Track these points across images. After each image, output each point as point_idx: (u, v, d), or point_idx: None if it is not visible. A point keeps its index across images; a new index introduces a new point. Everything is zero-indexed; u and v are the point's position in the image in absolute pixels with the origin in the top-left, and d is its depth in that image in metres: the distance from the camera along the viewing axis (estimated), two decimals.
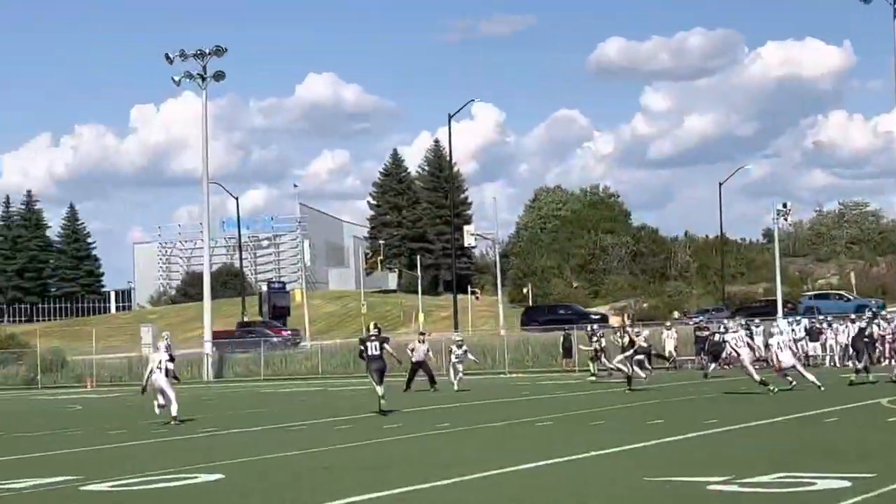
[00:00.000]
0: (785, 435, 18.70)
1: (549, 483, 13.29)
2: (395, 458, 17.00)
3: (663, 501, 11.44)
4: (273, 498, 12.69)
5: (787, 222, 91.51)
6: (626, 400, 29.83)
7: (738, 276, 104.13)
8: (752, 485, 12.41)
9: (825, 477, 12.73)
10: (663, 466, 14.50)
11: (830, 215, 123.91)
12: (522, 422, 23.59)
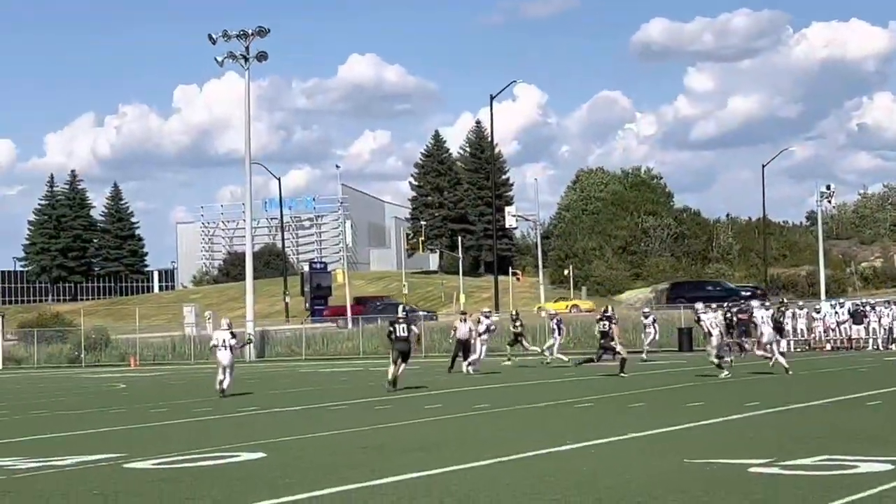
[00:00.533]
0: (827, 418, 18.60)
1: (587, 465, 13.29)
2: (434, 439, 17.03)
3: (704, 483, 11.40)
4: (313, 476, 12.75)
5: (831, 205, 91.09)
6: (666, 383, 29.78)
7: (780, 259, 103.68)
8: (794, 467, 12.36)
9: (867, 460, 12.66)
10: (704, 448, 14.47)
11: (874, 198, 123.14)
12: (563, 403, 23.58)
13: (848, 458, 12.93)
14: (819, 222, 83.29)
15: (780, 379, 29.30)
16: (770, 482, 11.40)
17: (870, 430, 16.29)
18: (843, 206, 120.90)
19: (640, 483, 11.59)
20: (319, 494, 11.44)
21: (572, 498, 10.75)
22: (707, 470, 12.44)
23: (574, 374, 34.24)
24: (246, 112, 66.41)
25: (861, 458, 12.89)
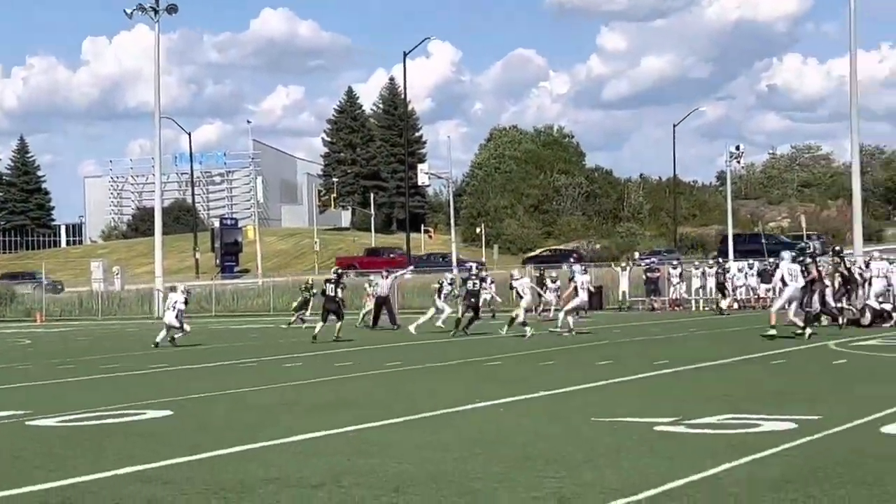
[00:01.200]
0: (733, 376, 18.83)
1: (496, 422, 13.33)
2: (345, 397, 17.00)
3: (610, 441, 11.48)
4: (222, 434, 12.66)
5: (740, 165, 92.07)
6: (577, 341, 29.99)
7: (690, 218, 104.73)
8: (699, 426, 12.48)
9: (771, 419, 12.82)
10: (611, 407, 14.57)
11: (783, 158, 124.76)
12: (473, 361, 23.65)
13: (752, 416, 13.08)
14: (728, 182, 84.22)
15: (688, 338, 29.61)
16: (675, 440, 11.51)
17: (774, 388, 16.50)
18: (751, 166, 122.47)
19: (549, 440, 11.64)
20: (228, 452, 11.35)
21: (480, 455, 10.77)
22: (614, 428, 12.53)
23: (485, 331, 34.33)
24: (155, 65, 65.62)
25: (765, 416, 13.05)
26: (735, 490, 8.84)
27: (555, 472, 9.84)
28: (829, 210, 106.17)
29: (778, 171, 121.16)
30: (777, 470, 9.67)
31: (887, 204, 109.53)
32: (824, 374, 18.93)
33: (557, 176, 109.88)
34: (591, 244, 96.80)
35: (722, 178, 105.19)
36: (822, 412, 13.30)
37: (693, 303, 53.09)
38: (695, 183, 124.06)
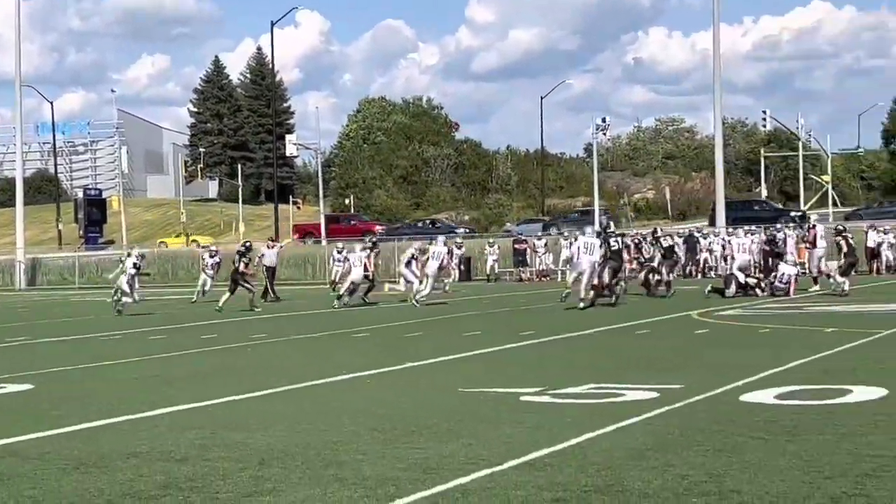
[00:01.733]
0: (598, 347, 19.05)
1: (363, 394, 13.32)
2: (209, 369, 16.86)
3: (476, 412, 11.54)
4: (84, 408, 12.45)
5: (606, 137, 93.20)
6: (444, 312, 30.09)
7: (557, 190, 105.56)
8: (563, 395, 12.62)
9: (634, 388, 13.00)
10: (478, 377, 14.66)
11: (648, 131, 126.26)
12: (340, 333, 23.60)
13: (615, 386, 13.26)
14: (594, 154, 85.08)
15: (555, 309, 29.87)
16: (540, 410, 11.61)
17: (637, 358, 16.74)
18: (617, 138, 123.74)
19: (415, 411, 11.67)
20: (90, 426, 11.19)
21: (346, 426, 10.75)
22: (480, 399, 12.60)
23: (355, 304, 34.27)
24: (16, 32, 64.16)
25: (628, 386, 13.23)
26: (598, 459, 8.94)
27: (420, 443, 9.86)
28: (692, 182, 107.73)
29: (643, 144, 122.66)
30: (639, 439, 9.80)
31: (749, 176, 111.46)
32: (687, 343, 19.24)
33: (426, 147, 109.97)
34: (460, 215, 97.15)
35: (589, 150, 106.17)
36: (684, 381, 13.53)
37: (559, 273, 53.56)
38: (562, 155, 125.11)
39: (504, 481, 8.23)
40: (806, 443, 9.38)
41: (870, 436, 9.63)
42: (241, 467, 8.95)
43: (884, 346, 17.68)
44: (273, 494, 7.98)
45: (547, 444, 9.57)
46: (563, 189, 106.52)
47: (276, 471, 8.79)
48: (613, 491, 7.82)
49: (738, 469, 8.43)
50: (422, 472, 8.65)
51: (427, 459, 9.11)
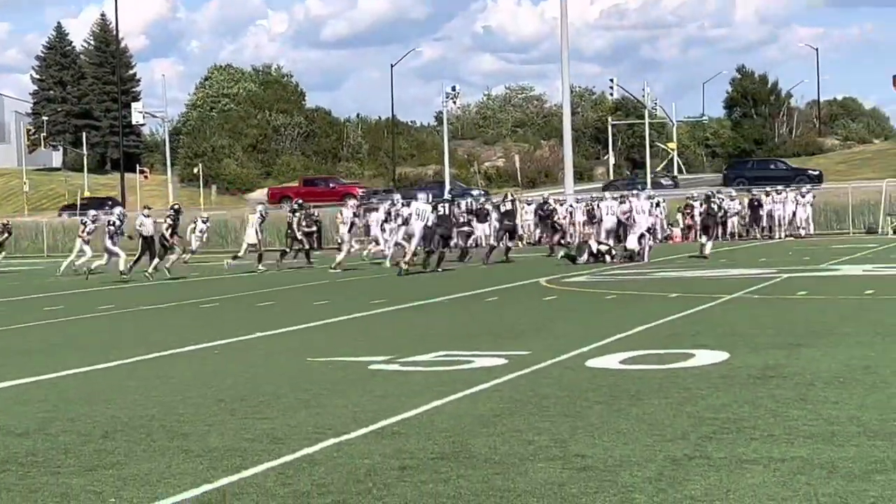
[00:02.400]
0: (447, 314, 19.13)
1: (211, 365, 13.19)
2: (54, 342, 16.53)
3: (325, 381, 11.52)
4: None
5: (456, 105, 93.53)
6: (299, 280, 29.96)
7: (408, 158, 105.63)
8: (413, 364, 12.66)
9: (483, 355, 13.09)
10: (327, 347, 14.62)
11: (497, 99, 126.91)
12: (189, 303, 23.35)
13: (464, 353, 13.34)
14: (445, 123, 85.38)
15: (408, 277, 29.93)
16: (389, 379, 11.62)
17: (486, 325, 16.85)
18: (467, 107, 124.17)
19: (263, 381, 11.59)
20: None
21: (193, 398, 10.64)
22: (329, 368, 12.57)
23: (205, 273, 33.91)
24: None
25: (477, 353, 13.32)
26: (445, 426, 8.98)
27: (268, 413, 9.81)
28: (541, 150, 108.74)
29: (493, 112, 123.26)
30: (487, 405, 9.88)
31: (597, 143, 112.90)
32: (535, 310, 19.43)
33: (276, 116, 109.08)
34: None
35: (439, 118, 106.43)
36: (532, 348, 13.66)
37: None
38: (413, 123, 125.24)
39: (351, 450, 8.22)
40: (649, 406, 9.55)
41: (710, 398, 9.84)
42: (84, 440, 8.80)
43: (725, 310, 18.07)
44: (116, 468, 7.86)
45: (395, 412, 9.59)
46: (414, 157, 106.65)
47: (120, 443, 8.66)
48: (460, 457, 7.87)
49: (583, 433, 8.54)
50: (269, 442, 8.60)
51: (274, 430, 9.06)
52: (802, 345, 13.17)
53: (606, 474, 7.23)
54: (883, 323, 15.17)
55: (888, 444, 7.83)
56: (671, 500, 6.59)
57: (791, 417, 8.87)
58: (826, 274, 26.10)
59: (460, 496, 6.84)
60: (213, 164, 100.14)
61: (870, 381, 10.47)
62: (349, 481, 7.29)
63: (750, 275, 26.21)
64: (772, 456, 7.59)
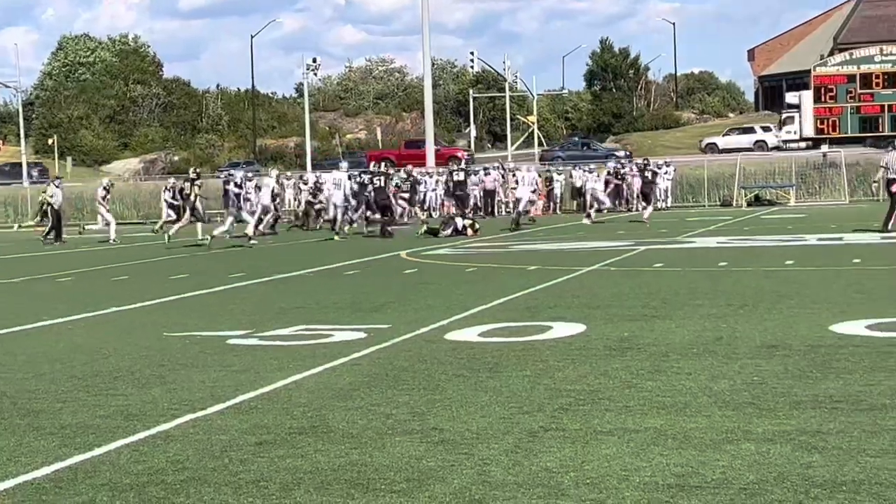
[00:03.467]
0: (308, 288, 19.02)
1: (64, 341, 12.95)
2: None
3: (181, 356, 11.38)
4: None
5: (317, 77, 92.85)
6: (153, 255, 29.57)
7: (269, 130, 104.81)
8: (272, 338, 12.58)
9: (342, 329, 13.07)
10: (185, 321, 14.45)
11: (359, 71, 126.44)
12: (41, 278, 22.90)
13: (324, 327, 13.30)
14: (306, 94, 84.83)
15: (266, 250, 29.73)
16: (248, 353, 11.53)
17: (347, 298, 16.80)
18: (329, 78, 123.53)
19: (118, 357, 11.42)
20: None
21: (46, 374, 10.44)
22: (186, 343, 12.43)
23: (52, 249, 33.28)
24: None
25: (337, 327, 13.29)
26: (304, 401, 8.95)
27: (123, 390, 9.67)
28: (403, 122, 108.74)
29: (354, 84, 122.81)
30: (346, 379, 9.86)
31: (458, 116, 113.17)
32: (395, 283, 19.41)
33: (134, 86, 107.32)
34: (170, 155, 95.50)
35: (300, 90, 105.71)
36: (391, 321, 13.67)
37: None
38: (274, 95, 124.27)
39: (208, 426, 8.15)
40: (507, 379, 9.61)
41: (567, 370, 9.94)
42: None
43: (583, 283, 18.26)
44: None
45: (253, 388, 9.52)
46: (275, 129, 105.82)
47: None
48: (318, 432, 7.84)
49: (441, 406, 8.57)
50: (123, 419, 8.48)
51: (129, 406, 8.94)
52: (657, 317, 13.38)
53: (463, 447, 7.27)
54: (736, 294, 15.47)
55: (739, 414, 7.99)
56: (527, 472, 6.64)
57: (645, 389, 9.01)
58: (681, 246, 26.55)
59: (317, 471, 6.82)
60: (69, 136, 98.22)
61: (722, 352, 10.67)
62: (205, 457, 7.22)
63: (608, 247, 26.55)
64: (626, 427, 7.70)
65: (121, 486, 6.62)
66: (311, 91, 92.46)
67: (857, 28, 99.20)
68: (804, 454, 6.83)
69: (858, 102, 56.53)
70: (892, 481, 6.20)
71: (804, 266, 19.81)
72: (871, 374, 9.33)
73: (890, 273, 18.00)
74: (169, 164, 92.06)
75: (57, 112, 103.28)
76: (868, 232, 28.38)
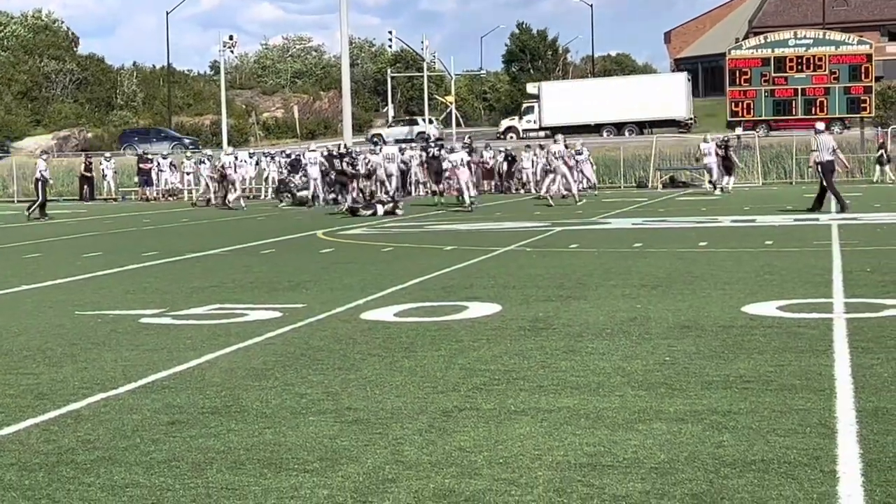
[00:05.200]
0: (223, 267, 18.86)
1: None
2: None
3: (93, 335, 11.26)
4: None
5: (234, 55, 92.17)
6: (68, 231, 29.21)
7: (185, 107, 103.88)
8: (185, 317, 12.48)
9: (257, 308, 13.00)
10: (97, 300, 14.29)
11: (276, 49, 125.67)
12: None
13: (238, 306, 13.22)
14: (222, 72, 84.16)
15: (181, 228, 29.49)
16: (160, 332, 11.43)
17: (262, 278, 16.70)
18: (245, 56, 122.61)
19: (28, 336, 11.27)
20: None
21: None
22: (98, 321, 12.29)
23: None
24: None
25: (251, 306, 13.22)
26: (217, 380, 8.89)
27: (32, 368, 9.55)
28: (321, 101, 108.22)
29: (272, 62, 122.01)
30: (260, 358, 9.81)
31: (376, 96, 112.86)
32: (311, 262, 19.31)
33: (47, 62, 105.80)
34: (84, 132, 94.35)
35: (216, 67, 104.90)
36: (307, 300, 13.62)
37: (186, 193, 52.73)
38: (190, 72, 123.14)
39: (119, 405, 8.07)
40: (422, 359, 9.62)
41: (482, 350, 9.97)
42: None
43: (499, 263, 18.30)
44: None
45: (165, 367, 9.45)
46: (190, 107, 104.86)
47: None
48: (231, 411, 7.80)
49: (356, 386, 8.55)
50: (33, 398, 8.37)
51: (39, 385, 8.83)
52: (572, 297, 13.45)
53: (377, 427, 7.26)
54: (649, 275, 15.60)
55: (651, 394, 8.05)
56: (440, 451, 6.65)
57: (559, 369, 9.05)
58: (597, 227, 26.70)
59: (230, 450, 6.78)
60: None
61: (636, 332, 10.75)
62: (116, 437, 7.16)
63: (524, 228, 26.64)
64: (539, 407, 7.74)
65: (30, 466, 6.53)
66: (227, 69, 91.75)
67: (772, 11, 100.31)
68: (715, 434, 6.91)
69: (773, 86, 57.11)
70: (800, 460, 6.28)
71: (717, 248, 20.01)
72: (781, 354, 9.45)
73: (801, 255, 18.24)
74: (83, 140, 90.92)
75: None
76: (782, 214, 28.77)
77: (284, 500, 5.82)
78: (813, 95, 56.55)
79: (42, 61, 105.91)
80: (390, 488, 5.97)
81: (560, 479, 6.04)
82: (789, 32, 59.79)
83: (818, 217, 27.41)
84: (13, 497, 5.98)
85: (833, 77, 56.40)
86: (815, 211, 28.70)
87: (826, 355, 9.37)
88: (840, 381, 8.37)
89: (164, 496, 5.94)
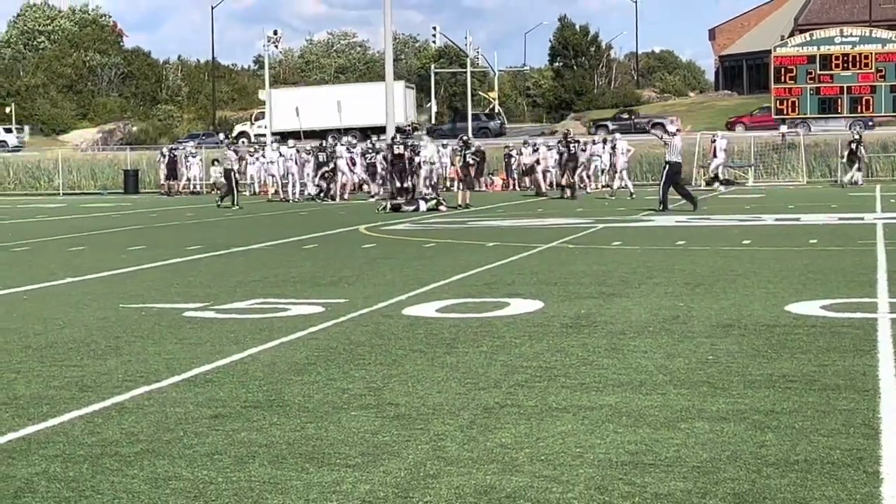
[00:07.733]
0: (266, 261, 18.94)
1: (19, 311, 12.86)
2: None
3: (137, 328, 11.33)
4: None
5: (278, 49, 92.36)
6: (109, 226, 29.40)
7: (229, 102, 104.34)
8: (228, 311, 12.52)
9: (300, 303, 13.04)
10: (141, 293, 14.37)
11: (320, 44, 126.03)
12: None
13: (281, 301, 13.25)
14: (266, 67, 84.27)
15: (223, 222, 29.61)
16: (204, 326, 11.48)
17: (304, 272, 16.75)
18: (289, 51, 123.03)
19: (72, 328, 11.35)
20: None
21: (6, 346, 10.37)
22: (142, 314, 12.36)
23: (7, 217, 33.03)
24: None
25: (294, 300, 13.25)
26: (260, 374, 8.92)
27: (77, 361, 9.61)
28: None
29: (316, 57, 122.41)
30: (302, 353, 9.84)
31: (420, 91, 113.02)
32: (353, 258, 19.35)
33: (93, 56, 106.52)
34: (129, 126, 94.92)
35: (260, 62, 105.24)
36: (349, 296, 13.64)
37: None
38: (234, 67, 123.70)
39: (163, 398, 8.11)
40: (463, 355, 9.62)
41: (523, 347, 9.96)
42: None
43: (542, 259, 18.28)
44: None
45: (209, 360, 9.49)
46: (235, 101, 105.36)
47: None
48: (274, 405, 7.83)
49: (398, 381, 8.57)
50: (78, 390, 8.43)
51: (84, 377, 8.89)
52: (615, 294, 13.42)
53: (419, 422, 7.27)
54: (692, 273, 15.54)
55: (693, 392, 8.03)
56: (481, 447, 6.65)
57: (601, 366, 9.04)
58: (640, 224, 26.63)
59: (272, 444, 6.80)
60: (27, 104, 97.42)
61: (678, 330, 10.71)
62: (159, 430, 7.20)
63: (566, 224, 26.60)
64: (581, 404, 7.73)
65: (74, 458, 6.58)
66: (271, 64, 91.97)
67: (818, 9, 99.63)
68: (757, 433, 6.87)
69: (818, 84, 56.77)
70: (843, 461, 6.25)
71: (761, 246, 19.91)
72: (825, 354, 9.40)
73: (846, 253, 18.12)
74: (128, 134, 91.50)
75: (15, 80, 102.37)
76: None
77: (326, 494, 5.84)
78: (859, 94, 56.20)
79: (88, 55, 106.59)
80: (431, 484, 5.97)
81: (601, 477, 6.03)
82: (835, 30, 59.43)
83: (863, 216, 27.22)
84: (57, 488, 6.02)
85: (879, 75, 56.02)
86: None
87: (870, 355, 9.30)
88: (884, 381, 8.31)
89: (206, 489, 5.97)
